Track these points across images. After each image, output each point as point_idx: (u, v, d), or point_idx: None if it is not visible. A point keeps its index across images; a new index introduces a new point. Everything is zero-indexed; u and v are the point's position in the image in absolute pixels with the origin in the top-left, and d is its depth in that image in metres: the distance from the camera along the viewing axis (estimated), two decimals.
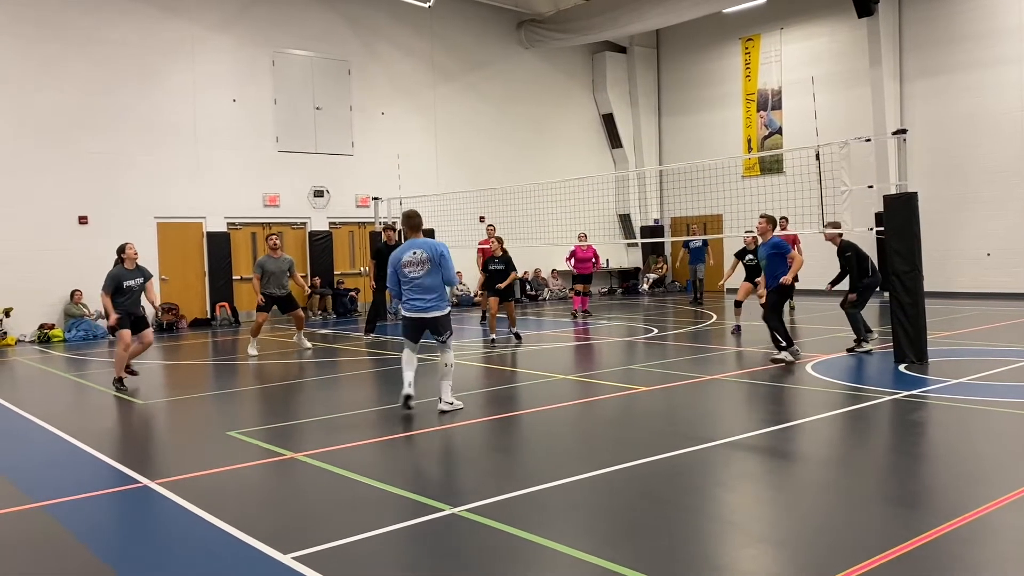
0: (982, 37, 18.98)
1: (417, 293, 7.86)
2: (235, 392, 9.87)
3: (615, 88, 25.40)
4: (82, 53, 16.84)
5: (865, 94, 20.46)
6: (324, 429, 7.55)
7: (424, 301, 7.85)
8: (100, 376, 11.71)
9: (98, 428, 8.10)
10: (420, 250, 7.86)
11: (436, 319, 7.92)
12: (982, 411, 7.26)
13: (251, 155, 19.02)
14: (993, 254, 18.91)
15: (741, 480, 5.71)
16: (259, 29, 19.14)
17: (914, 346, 9.76)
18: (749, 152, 23.22)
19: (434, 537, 4.60)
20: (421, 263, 7.82)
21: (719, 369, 10.07)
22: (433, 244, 7.99)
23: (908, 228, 9.81)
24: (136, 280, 9.98)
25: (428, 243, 7.97)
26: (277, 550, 4.36)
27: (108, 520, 5.16)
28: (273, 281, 12.68)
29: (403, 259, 7.87)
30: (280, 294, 12.79)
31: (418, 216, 8.11)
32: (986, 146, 18.98)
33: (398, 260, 7.91)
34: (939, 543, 4.21)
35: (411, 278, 7.85)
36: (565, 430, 7.44)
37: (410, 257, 7.85)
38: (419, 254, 7.84)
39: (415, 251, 7.86)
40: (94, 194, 16.94)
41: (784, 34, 22.58)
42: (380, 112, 21.02)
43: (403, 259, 7.87)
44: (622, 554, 4.18)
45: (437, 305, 7.92)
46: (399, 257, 7.91)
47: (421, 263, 7.82)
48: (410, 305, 7.93)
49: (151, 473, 6.00)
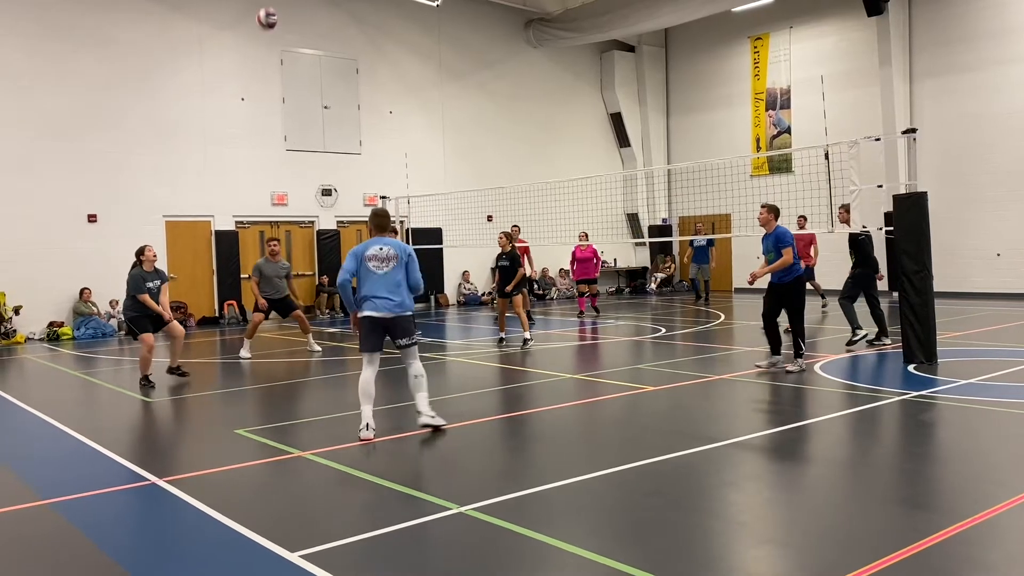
0: (992, 36, 18.87)
1: (383, 291, 7.17)
2: (243, 390, 9.89)
3: (623, 87, 25.37)
4: (90, 52, 16.90)
5: (875, 93, 20.37)
6: (331, 427, 7.56)
7: (390, 300, 7.14)
8: (109, 374, 11.75)
9: (107, 425, 8.13)
10: (388, 247, 7.28)
11: (399, 320, 7.15)
12: (991, 412, 7.22)
13: (259, 154, 19.06)
14: (1003, 254, 18.82)
15: (749, 480, 5.69)
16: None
17: (923, 346, 9.71)
18: (758, 151, 23.15)
19: (441, 536, 4.60)
20: (388, 259, 7.22)
21: (727, 369, 10.04)
22: (402, 244, 7.44)
23: (918, 228, 9.76)
24: (155, 282, 10.20)
25: (396, 242, 7.41)
26: (284, 548, 4.36)
27: (116, 517, 5.17)
28: (269, 285, 12.66)
29: (368, 252, 7.22)
30: (276, 297, 12.74)
31: (387, 215, 7.61)
32: (996, 146, 18.88)
33: (363, 252, 7.25)
34: (948, 544, 4.18)
35: (376, 274, 7.20)
36: (572, 429, 7.43)
37: (376, 251, 7.22)
38: (387, 250, 7.25)
39: (382, 247, 7.26)
40: (103, 192, 17.00)
41: (793, 33, 22.51)
42: (388, 111, 21.04)
43: (368, 252, 7.22)
44: (630, 554, 4.17)
45: (403, 305, 7.20)
46: (363, 250, 7.26)
47: (388, 259, 7.22)
48: (373, 303, 7.16)
49: (159, 470, 6.01)
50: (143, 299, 10.01)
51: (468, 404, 8.45)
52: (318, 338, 14.17)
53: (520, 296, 12.89)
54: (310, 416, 8.10)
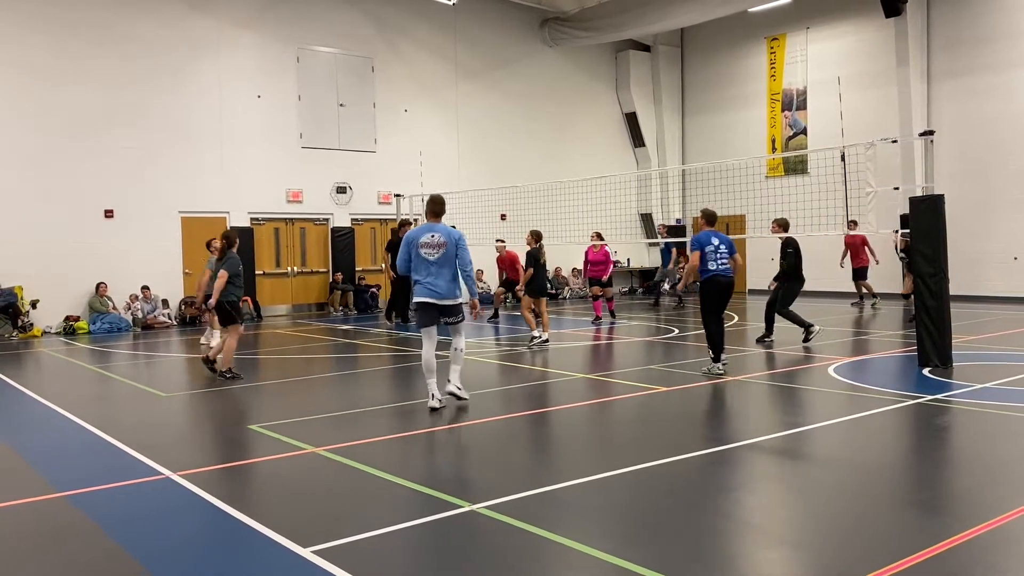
0: (1010, 38, 18.72)
1: (433, 277, 7.77)
2: (257, 386, 9.94)
3: (638, 87, 25.31)
4: (108, 49, 17.02)
5: (892, 94, 20.25)
6: (344, 424, 7.59)
7: (439, 286, 7.76)
8: (124, 368, 11.84)
9: (121, 419, 8.19)
10: (438, 233, 7.81)
11: (450, 305, 7.85)
12: (1007, 416, 7.16)
13: (275, 151, 19.14)
14: (1021, 258, 18.66)
15: (763, 482, 5.67)
16: (284, 26, 19.25)
17: (938, 350, 9.65)
18: (773, 152, 23.06)
19: (453, 534, 4.61)
20: (439, 246, 7.76)
21: (740, 370, 10.01)
22: (451, 230, 7.95)
23: (934, 231, 9.69)
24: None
25: (446, 228, 7.93)
26: (297, 543, 4.38)
27: (131, 511, 5.20)
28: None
29: (421, 239, 7.81)
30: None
31: (443, 202, 8.07)
32: (1014, 148, 18.72)
33: (415, 239, 7.84)
34: (962, 549, 4.16)
35: (427, 260, 7.78)
36: (584, 429, 7.43)
37: (428, 239, 7.79)
38: (437, 237, 7.79)
39: (433, 234, 7.81)
40: (120, 188, 17.13)
41: (810, 33, 22.40)
42: (403, 109, 21.08)
43: (421, 239, 7.81)
44: (642, 554, 4.17)
45: (451, 291, 7.82)
46: (416, 237, 7.85)
47: (439, 246, 7.76)
48: (425, 289, 7.81)
49: (173, 465, 6.05)
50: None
51: (481, 402, 8.46)
52: (332, 334, 14.22)
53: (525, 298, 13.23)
54: (324, 412, 8.13)
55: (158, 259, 17.58)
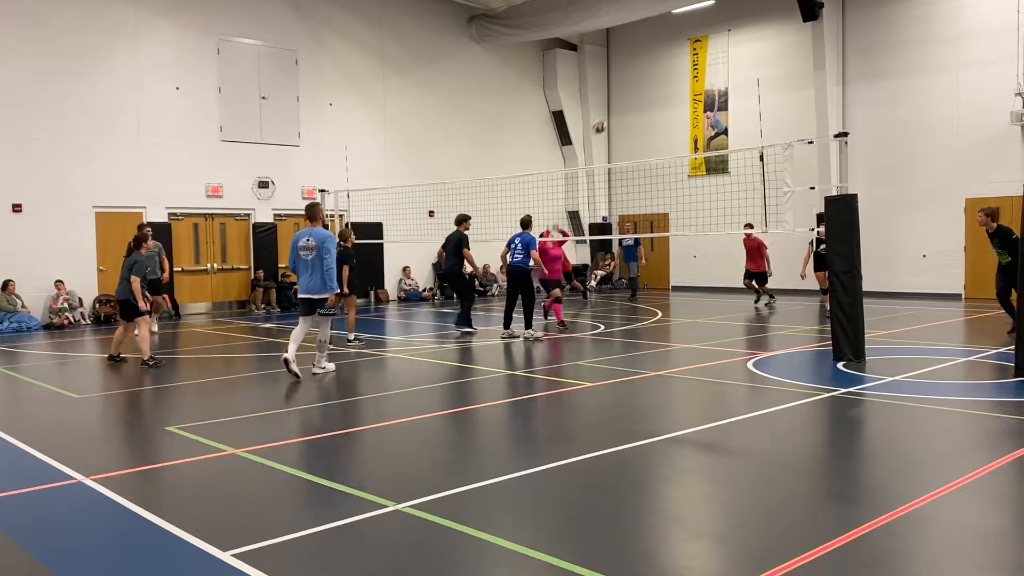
0: (922, 44, 19.47)
1: (306, 275, 9.44)
2: (173, 387, 9.66)
3: (565, 85, 25.48)
4: (20, 33, 16.28)
5: (809, 97, 20.85)
6: (265, 425, 7.44)
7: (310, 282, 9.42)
8: (32, 369, 11.36)
9: (31, 423, 7.86)
10: (311, 238, 9.42)
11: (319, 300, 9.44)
12: (916, 408, 7.45)
13: (194, 144, 18.61)
14: (929, 255, 19.45)
15: (683, 475, 5.78)
16: (205, 15, 18.73)
17: (852, 344, 9.98)
18: (695, 152, 23.50)
19: (377, 534, 4.56)
20: (311, 248, 9.37)
21: (662, 365, 10.18)
22: (322, 234, 9.40)
23: (848, 229, 10.01)
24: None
25: (319, 232, 9.44)
26: (216, 547, 4.28)
27: (41, 517, 4.99)
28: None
29: (299, 244, 9.49)
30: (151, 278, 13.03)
31: (317, 207, 9.84)
32: (924, 150, 19.49)
33: (296, 244, 9.52)
34: (874, 536, 4.31)
35: (305, 261, 9.40)
36: (510, 425, 7.45)
37: (304, 243, 9.44)
38: (310, 241, 9.41)
39: (308, 238, 9.44)
40: (30, 181, 16.41)
41: (732, 36, 22.89)
42: (328, 103, 20.77)
43: (299, 244, 9.49)
44: (567, 549, 4.20)
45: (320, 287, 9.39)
46: (296, 241, 9.53)
47: (311, 248, 9.37)
48: (302, 286, 9.52)
49: (86, 469, 5.83)
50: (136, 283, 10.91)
51: (406, 400, 8.41)
52: (255, 332, 13.93)
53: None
54: (243, 413, 7.95)
55: (71, 256, 16.91)
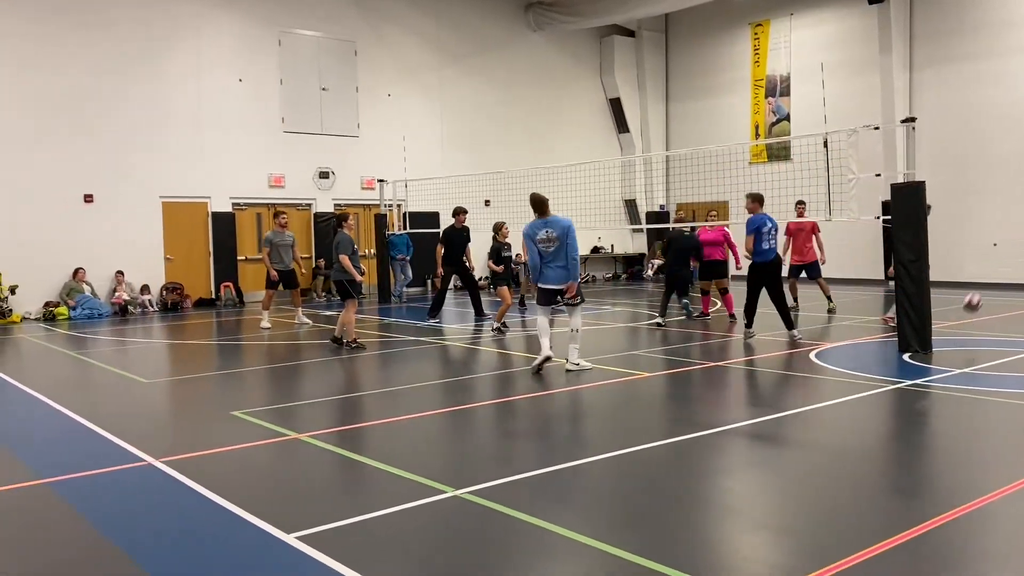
0: (992, 27, 18.82)
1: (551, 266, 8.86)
2: (239, 372, 9.89)
3: (623, 72, 25.26)
4: (86, 31, 16.79)
5: (874, 82, 20.32)
6: (328, 410, 7.57)
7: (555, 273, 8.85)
8: (103, 354, 11.75)
9: (102, 406, 8.14)
10: (550, 229, 8.80)
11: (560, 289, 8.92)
12: (985, 401, 7.25)
13: (256, 135, 18.98)
14: (1000, 244, 18.84)
15: (744, 467, 5.72)
16: (265, 8, 19.06)
17: (919, 335, 9.73)
18: (756, 139, 23.11)
19: (436, 519, 4.61)
20: (551, 240, 8.78)
21: (723, 356, 10.06)
22: (562, 223, 8.82)
23: (915, 217, 9.76)
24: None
25: (557, 222, 8.85)
26: (280, 530, 4.38)
27: (112, 498, 5.17)
28: (279, 255, 13.47)
29: (536, 237, 8.87)
30: (284, 269, 13.54)
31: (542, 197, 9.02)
32: (995, 136, 18.86)
33: (532, 236, 8.89)
34: (941, 532, 4.21)
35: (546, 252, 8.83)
36: (568, 415, 7.45)
37: (544, 235, 8.82)
38: (550, 232, 8.79)
39: (547, 230, 8.82)
40: (100, 173, 16.94)
41: (794, 20, 22.42)
42: (386, 94, 20.95)
43: (536, 237, 8.87)
44: (624, 539, 4.19)
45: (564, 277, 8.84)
46: (533, 233, 8.89)
47: (551, 240, 8.78)
48: (544, 277, 8.94)
49: (155, 451, 6.02)
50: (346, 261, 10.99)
51: (465, 389, 8.47)
52: (316, 321, 14.18)
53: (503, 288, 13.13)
54: (307, 399, 8.10)
55: (139, 245, 17.43)
